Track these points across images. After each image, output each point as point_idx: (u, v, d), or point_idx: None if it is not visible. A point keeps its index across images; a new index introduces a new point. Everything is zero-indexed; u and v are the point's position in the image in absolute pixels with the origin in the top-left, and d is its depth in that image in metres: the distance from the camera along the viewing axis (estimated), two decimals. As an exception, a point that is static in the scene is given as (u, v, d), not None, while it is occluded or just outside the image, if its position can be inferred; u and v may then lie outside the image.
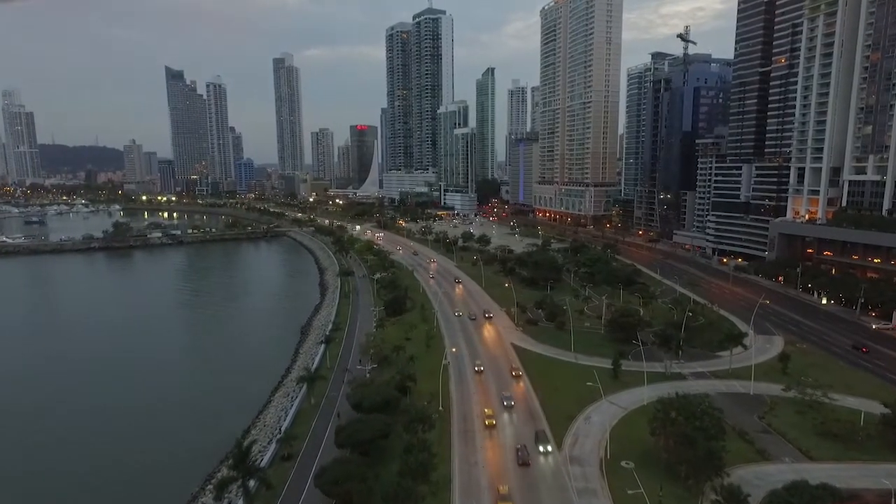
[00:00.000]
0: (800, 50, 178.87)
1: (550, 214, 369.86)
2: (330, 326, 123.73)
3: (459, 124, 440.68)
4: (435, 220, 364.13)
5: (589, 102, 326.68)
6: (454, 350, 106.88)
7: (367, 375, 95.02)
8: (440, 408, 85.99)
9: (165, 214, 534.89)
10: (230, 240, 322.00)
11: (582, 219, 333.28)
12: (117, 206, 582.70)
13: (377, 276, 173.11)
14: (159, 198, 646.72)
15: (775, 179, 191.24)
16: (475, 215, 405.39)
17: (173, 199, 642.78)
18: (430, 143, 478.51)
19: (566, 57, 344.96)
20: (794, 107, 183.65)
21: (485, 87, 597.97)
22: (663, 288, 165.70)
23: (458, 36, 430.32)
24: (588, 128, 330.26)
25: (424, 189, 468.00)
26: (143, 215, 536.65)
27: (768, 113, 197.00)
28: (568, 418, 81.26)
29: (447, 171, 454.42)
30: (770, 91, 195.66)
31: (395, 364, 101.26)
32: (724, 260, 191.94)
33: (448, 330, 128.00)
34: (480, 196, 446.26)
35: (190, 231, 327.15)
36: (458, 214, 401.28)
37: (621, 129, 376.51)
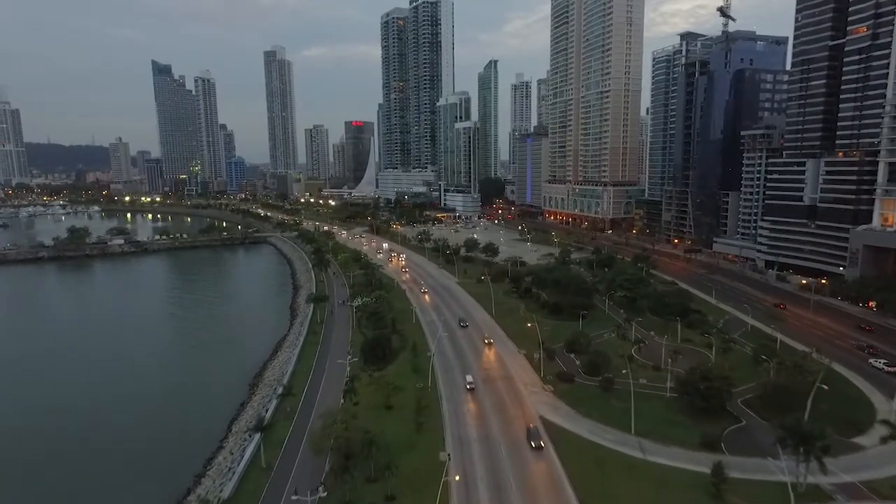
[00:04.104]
0: (889, 15, 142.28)
1: (562, 217, 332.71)
2: (280, 390, 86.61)
3: (461, 117, 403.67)
4: (434, 224, 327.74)
5: (607, 91, 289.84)
6: (461, 475, 66.91)
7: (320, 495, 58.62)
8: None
9: (150, 216, 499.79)
10: (202, 247, 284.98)
11: (598, 222, 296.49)
12: (96, 208, 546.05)
13: (358, 301, 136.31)
14: (143, 198, 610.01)
15: (854, 178, 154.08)
16: (479, 218, 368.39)
17: (157, 199, 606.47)
18: (428, 138, 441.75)
19: (580, 41, 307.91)
20: (878, 87, 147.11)
21: (487, 81, 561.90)
22: (726, 318, 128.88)
23: (457, 35, 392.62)
24: (605, 120, 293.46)
25: (423, 189, 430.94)
26: (126, 217, 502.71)
27: (841, 96, 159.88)
28: None
29: (447, 169, 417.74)
30: (844, 69, 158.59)
31: (364, 464, 64.80)
32: (804, 281, 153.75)
33: (448, 387, 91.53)
34: (483, 196, 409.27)
35: (157, 237, 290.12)
36: (459, 217, 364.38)
37: (643, 121, 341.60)
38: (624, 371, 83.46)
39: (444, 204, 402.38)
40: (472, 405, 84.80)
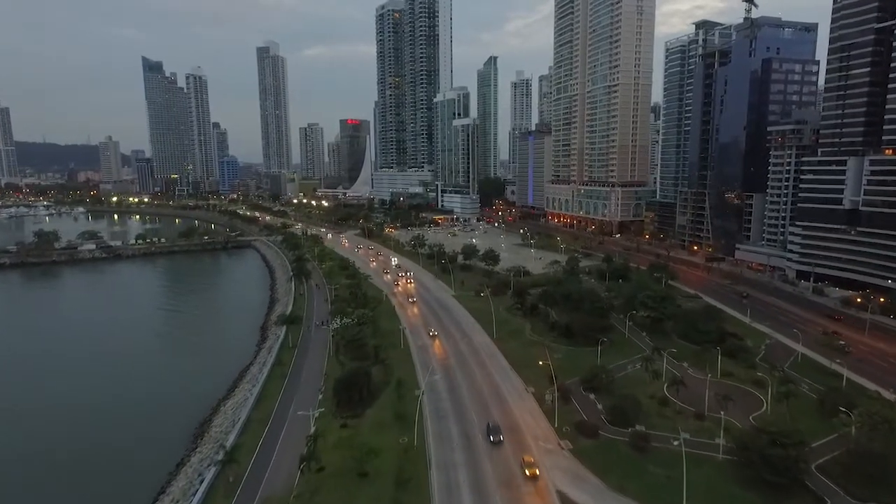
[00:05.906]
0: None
1: (567, 220, 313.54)
2: (220, 455, 66.86)
3: (459, 114, 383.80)
4: (430, 227, 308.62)
5: (615, 86, 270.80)
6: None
7: None
8: None
9: (138, 217, 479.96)
10: (181, 252, 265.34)
11: (606, 225, 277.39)
12: (82, 209, 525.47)
13: (337, 322, 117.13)
14: (130, 199, 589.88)
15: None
16: (478, 220, 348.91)
17: (146, 199, 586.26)
18: (425, 136, 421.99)
19: (586, 32, 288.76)
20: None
21: (487, 78, 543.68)
22: (767, 343, 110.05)
23: (457, 34, 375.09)
24: (613, 116, 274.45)
25: (419, 189, 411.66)
26: (114, 218, 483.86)
27: (889, 86, 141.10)
28: None
29: (445, 168, 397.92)
30: (894, 55, 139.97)
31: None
32: (859, 300, 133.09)
33: (439, 444, 72.36)
34: (483, 197, 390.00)
35: (132, 242, 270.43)
36: (457, 219, 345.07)
37: (654, 117, 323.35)
38: (675, 442, 62.91)
39: (442, 205, 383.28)
40: (469, 471, 65.56)
